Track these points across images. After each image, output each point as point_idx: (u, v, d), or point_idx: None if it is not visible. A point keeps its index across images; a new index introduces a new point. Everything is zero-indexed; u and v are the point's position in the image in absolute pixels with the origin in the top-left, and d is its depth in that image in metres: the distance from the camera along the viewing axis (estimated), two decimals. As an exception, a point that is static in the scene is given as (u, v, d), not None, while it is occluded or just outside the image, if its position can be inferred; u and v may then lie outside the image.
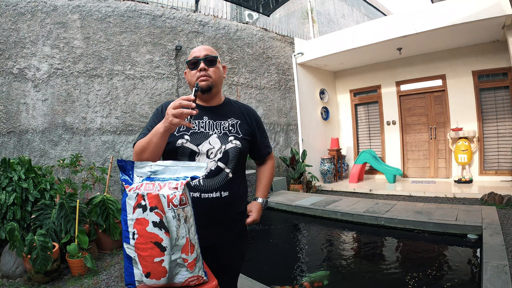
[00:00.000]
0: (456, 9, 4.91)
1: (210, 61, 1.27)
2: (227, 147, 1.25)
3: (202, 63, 1.25)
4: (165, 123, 1.03)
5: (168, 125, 1.02)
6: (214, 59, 1.28)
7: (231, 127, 1.29)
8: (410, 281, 2.65)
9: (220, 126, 1.28)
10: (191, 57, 1.28)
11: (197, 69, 1.26)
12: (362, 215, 4.24)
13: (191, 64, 1.27)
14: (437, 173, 6.81)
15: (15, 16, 4.09)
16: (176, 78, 5.37)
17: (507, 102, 5.95)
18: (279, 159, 6.75)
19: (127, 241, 0.89)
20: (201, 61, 1.25)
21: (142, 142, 1.12)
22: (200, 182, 1.21)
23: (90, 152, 4.48)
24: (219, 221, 1.25)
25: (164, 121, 1.03)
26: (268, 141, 1.51)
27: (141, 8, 5.06)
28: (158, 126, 1.07)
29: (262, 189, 1.44)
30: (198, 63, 1.26)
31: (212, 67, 1.28)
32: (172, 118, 1.00)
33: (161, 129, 1.05)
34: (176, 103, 1.01)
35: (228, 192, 1.24)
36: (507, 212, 4.06)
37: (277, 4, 5.71)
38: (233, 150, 1.26)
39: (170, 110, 1.01)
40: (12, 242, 2.54)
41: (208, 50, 1.28)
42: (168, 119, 1.01)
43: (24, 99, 4.09)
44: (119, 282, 2.69)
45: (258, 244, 3.91)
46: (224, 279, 1.27)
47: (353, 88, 7.97)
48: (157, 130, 1.07)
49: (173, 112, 1.00)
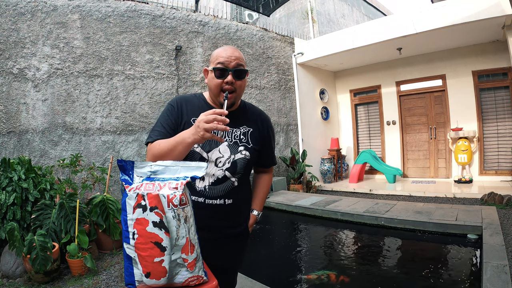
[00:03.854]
0: (456, 9, 4.91)
1: (240, 74, 1.17)
2: (236, 157, 1.22)
3: (231, 76, 1.15)
4: (195, 136, 0.99)
5: (199, 138, 0.98)
6: (244, 72, 1.19)
7: (242, 136, 1.25)
8: (410, 281, 2.65)
9: (231, 134, 1.23)
10: (218, 61, 1.16)
11: (223, 79, 1.15)
12: (362, 215, 4.24)
13: (217, 71, 1.16)
14: (437, 173, 6.81)
15: (15, 16, 4.09)
16: (176, 78, 5.37)
17: (507, 102, 5.95)
18: (279, 159, 6.75)
19: (127, 241, 0.89)
20: (230, 72, 1.15)
21: (163, 146, 1.07)
22: (205, 188, 1.20)
23: (90, 152, 4.48)
24: (221, 224, 1.25)
25: (195, 133, 0.98)
26: (274, 152, 1.46)
27: (141, 8, 5.06)
28: (185, 136, 1.02)
29: (259, 202, 1.42)
30: (226, 73, 1.15)
31: (240, 80, 1.18)
32: (204, 132, 0.96)
33: (189, 139, 1.01)
34: (210, 117, 0.95)
35: (232, 200, 1.23)
36: (507, 212, 4.06)
37: (277, 4, 5.71)
38: (242, 161, 1.23)
39: (202, 124, 0.96)
40: (12, 242, 2.54)
41: (239, 58, 1.17)
42: (200, 133, 0.97)
43: (24, 99, 4.09)
44: (119, 282, 2.69)
45: (258, 244, 3.91)
46: (223, 279, 1.27)
47: (353, 88, 7.97)
48: (183, 139, 1.02)
49: (207, 126, 0.95)
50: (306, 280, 2.77)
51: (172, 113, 1.20)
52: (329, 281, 2.72)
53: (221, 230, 1.26)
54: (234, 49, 1.19)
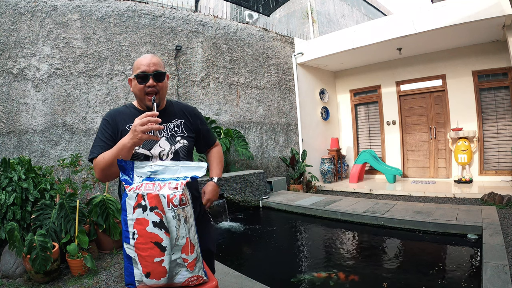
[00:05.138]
0: (456, 9, 4.91)
1: (159, 77, 1.30)
2: (176, 147, 1.33)
3: (152, 79, 1.28)
4: (133, 139, 1.09)
5: (137, 141, 1.09)
6: (163, 74, 1.32)
7: (177, 128, 1.37)
8: (410, 280, 2.65)
9: (166, 129, 1.34)
10: (139, 70, 1.29)
11: (145, 84, 1.28)
12: (362, 215, 4.24)
13: (139, 78, 1.29)
14: (437, 173, 6.81)
15: (15, 16, 4.09)
16: (176, 78, 5.37)
17: (507, 102, 5.95)
18: (279, 159, 6.75)
19: (127, 241, 0.89)
20: (150, 76, 1.28)
21: (107, 157, 1.16)
22: None
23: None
24: None
25: (133, 137, 1.09)
26: (212, 133, 1.62)
27: (141, 8, 5.06)
28: (125, 142, 1.12)
29: (215, 169, 1.54)
30: (147, 78, 1.28)
31: (160, 82, 1.31)
32: (141, 134, 1.07)
33: (128, 144, 1.10)
34: (144, 120, 1.07)
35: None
36: (507, 212, 4.06)
37: (277, 4, 5.71)
38: (182, 148, 1.34)
39: (138, 127, 1.07)
40: (12, 242, 2.54)
41: (157, 64, 1.31)
42: (137, 136, 1.07)
43: (24, 99, 4.09)
44: (119, 282, 2.69)
45: (258, 244, 3.91)
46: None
47: (353, 88, 7.97)
48: (124, 145, 1.11)
49: (142, 128, 1.06)
50: (310, 279, 2.77)
51: (108, 127, 1.30)
52: (339, 279, 2.73)
53: None
54: (152, 56, 1.32)
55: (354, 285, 2.69)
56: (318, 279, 2.76)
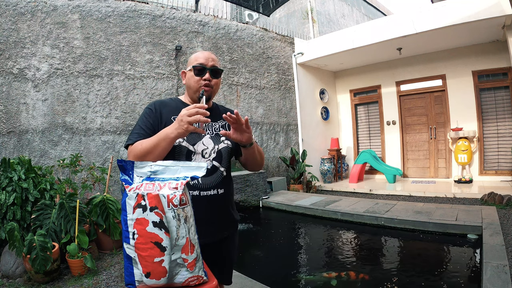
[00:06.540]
0: (456, 9, 4.91)
1: (216, 73, 1.30)
2: (220, 146, 1.30)
3: (209, 74, 1.28)
4: (178, 130, 1.05)
5: (183, 132, 1.05)
6: (219, 71, 1.32)
7: (222, 128, 1.34)
8: (410, 280, 2.65)
9: (211, 128, 1.32)
10: (197, 62, 1.28)
11: (201, 77, 1.27)
12: (362, 215, 4.24)
13: (196, 70, 1.28)
14: (437, 173, 6.81)
15: (15, 16, 4.09)
16: (176, 78, 5.37)
17: (507, 102, 5.95)
18: (279, 159, 6.75)
19: (127, 241, 0.89)
20: (207, 70, 1.28)
21: (146, 145, 1.12)
22: (199, 180, 1.25)
23: (90, 152, 4.48)
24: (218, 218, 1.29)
25: (178, 127, 1.05)
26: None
27: (141, 8, 5.06)
28: (168, 131, 1.08)
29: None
30: (204, 71, 1.28)
31: (216, 79, 1.31)
32: (188, 125, 1.03)
33: (172, 134, 1.07)
34: (192, 111, 1.03)
35: (223, 190, 1.30)
36: (507, 212, 4.06)
37: (277, 4, 5.72)
38: (225, 149, 1.31)
39: (185, 117, 1.03)
40: (12, 242, 2.54)
41: (216, 60, 1.32)
42: (184, 126, 1.03)
43: (24, 99, 4.09)
44: (119, 282, 2.69)
45: (258, 244, 3.91)
46: (224, 272, 1.36)
47: (353, 88, 7.97)
48: (167, 135, 1.08)
49: (190, 119, 1.02)
50: (310, 279, 2.77)
51: (151, 115, 1.26)
52: (339, 279, 2.73)
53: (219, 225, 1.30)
54: (210, 52, 1.34)
55: (354, 285, 2.69)
56: (318, 279, 2.77)
